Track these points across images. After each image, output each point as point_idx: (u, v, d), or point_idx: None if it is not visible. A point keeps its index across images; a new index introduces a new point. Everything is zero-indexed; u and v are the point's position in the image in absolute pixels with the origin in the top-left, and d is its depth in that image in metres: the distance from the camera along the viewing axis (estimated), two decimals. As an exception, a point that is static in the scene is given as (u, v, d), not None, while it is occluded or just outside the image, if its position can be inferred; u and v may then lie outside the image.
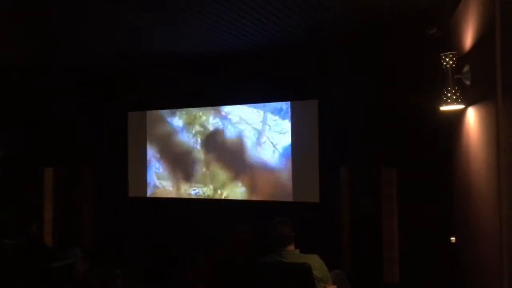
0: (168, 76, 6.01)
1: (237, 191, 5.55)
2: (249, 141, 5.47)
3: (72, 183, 6.09)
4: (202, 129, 5.80)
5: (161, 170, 6.07)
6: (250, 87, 5.46)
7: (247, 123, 5.49)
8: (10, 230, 4.89)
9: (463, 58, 2.81)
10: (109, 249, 5.90)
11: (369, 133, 4.69)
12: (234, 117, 5.57)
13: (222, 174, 5.64)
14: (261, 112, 5.41)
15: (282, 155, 5.29)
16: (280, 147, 5.31)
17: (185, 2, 3.48)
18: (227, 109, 5.62)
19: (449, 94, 2.68)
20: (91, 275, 4.74)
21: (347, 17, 3.95)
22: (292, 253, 3.09)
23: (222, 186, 5.64)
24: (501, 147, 1.99)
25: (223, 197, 5.63)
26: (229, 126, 5.59)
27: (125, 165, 6.23)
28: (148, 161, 6.14)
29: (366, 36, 4.55)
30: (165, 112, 6.06)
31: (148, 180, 6.13)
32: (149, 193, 6.13)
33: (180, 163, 5.93)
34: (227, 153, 5.61)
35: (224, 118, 5.64)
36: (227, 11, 3.72)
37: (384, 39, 4.54)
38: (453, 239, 3.64)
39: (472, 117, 2.66)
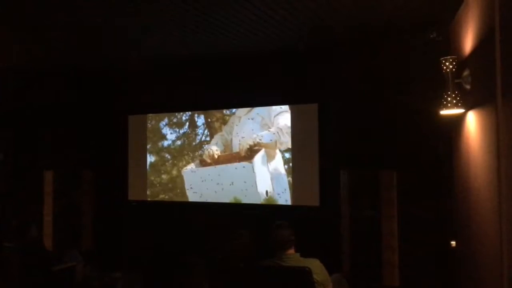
0: (168, 79, 6.02)
1: (237, 194, 5.54)
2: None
3: (72, 186, 6.09)
4: (202, 131, 5.80)
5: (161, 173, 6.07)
6: (251, 91, 5.47)
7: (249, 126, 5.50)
8: (9, 232, 4.89)
9: (463, 63, 2.82)
10: (109, 252, 5.89)
11: (369, 136, 4.69)
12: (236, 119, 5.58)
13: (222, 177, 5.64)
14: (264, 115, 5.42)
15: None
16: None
17: (185, 5, 3.49)
18: (228, 111, 5.63)
19: (449, 98, 2.69)
20: (90, 278, 4.74)
21: (348, 21, 3.96)
22: (292, 257, 3.09)
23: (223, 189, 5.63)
24: (501, 151, 1.99)
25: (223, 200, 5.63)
26: (230, 129, 5.60)
27: (125, 168, 6.23)
28: (148, 164, 6.14)
29: (366, 40, 4.56)
30: (165, 115, 6.06)
31: (148, 183, 6.13)
32: (148, 196, 6.13)
33: (180, 166, 5.93)
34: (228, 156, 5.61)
35: (225, 120, 5.65)
36: (227, 15, 3.73)
37: (384, 43, 4.55)
38: (453, 243, 3.64)
39: (472, 121, 2.66)
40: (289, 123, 5.27)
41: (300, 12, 3.67)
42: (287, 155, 5.29)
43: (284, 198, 5.27)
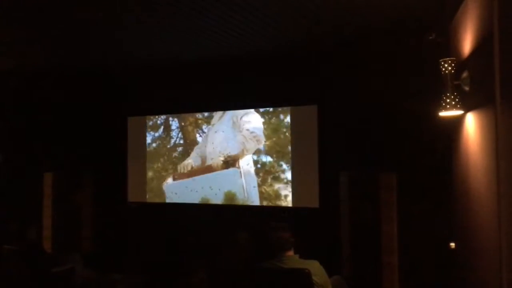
0: (168, 81, 6.03)
1: (236, 196, 5.54)
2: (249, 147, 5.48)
3: (71, 188, 6.08)
4: (201, 133, 5.80)
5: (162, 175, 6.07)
6: (250, 92, 5.48)
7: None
8: (9, 235, 4.89)
9: (462, 64, 2.82)
10: (109, 255, 5.88)
11: (369, 138, 4.69)
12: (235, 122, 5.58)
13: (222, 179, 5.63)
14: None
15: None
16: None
17: (185, 8, 3.49)
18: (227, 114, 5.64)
19: (448, 100, 2.68)
20: (90, 281, 4.73)
21: (347, 23, 3.97)
22: (292, 259, 3.09)
23: (222, 191, 5.63)
24: (500, 153, 1.99)
25: (222, 202, 5.62)
26: (229, 131, 5.60)
27: (124, 170, 6.23)
28: (147, 166, 6.14)
29: (366, 42, 4.56)
30: (165, 117, 6.07)
31: (148, 185, 6.13)
32: (148, 198, 6.12)
33: (180, 167, 5.92)
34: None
35: (224, 122, 5.65)
36: (227, 18, 3.74)
37: (384, 45, 4.55)
38: (452, 244, 3.63)
39: (471, 123, 2.66)
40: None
41: (300, 13, 3.67)
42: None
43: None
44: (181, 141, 5.93)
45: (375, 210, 4.42)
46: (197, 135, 5.83)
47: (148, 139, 6.15)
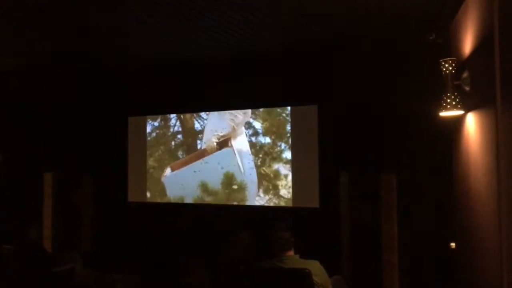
0: (168, 81, 6.02)
1: (237, 196, 5.54)
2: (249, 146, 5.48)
3: (71, 188, 6.08)
4: (200, 133, 5.80)
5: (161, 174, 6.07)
6: (251, 92, 5.48)
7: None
8: (9, 234, 4.89)
9: (462, 64, 2.82)
10: (108, 255, 5.88)
11: (369, 138, 4.69)
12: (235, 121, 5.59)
13: (222, 179, 5.63)
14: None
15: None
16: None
17: (185, 8, 3.49)
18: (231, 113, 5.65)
19: (448, 100, 2.68)
20: (90, 281, 4.73)
21: (347, 23, 3.97)
22: (292, 259, 3.09)
23: (221, 191, 5.63)
24: (501, 153, 1.99)
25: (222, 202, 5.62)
26: (230, 130, 5.61)
27: (124, 170, 6.23)
28: (148, 166, 6.14)
29: (366, 43, 4.56)
30: (165, 117, 6.07)
31: (148, 185, 6.13)
32: (148, 198, 6.12)
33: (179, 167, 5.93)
34: (227, 158, 5.61)
35: (224, 121, 5.65)
36: (227, 18, 3.74)
37: (384, 45, 4.55)
38: (453, 244, 3.63)
39: (472, 123, 2.66)
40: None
41: (300, 13, 3.67)
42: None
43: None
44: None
45: (375, 210, 4.42)
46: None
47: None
